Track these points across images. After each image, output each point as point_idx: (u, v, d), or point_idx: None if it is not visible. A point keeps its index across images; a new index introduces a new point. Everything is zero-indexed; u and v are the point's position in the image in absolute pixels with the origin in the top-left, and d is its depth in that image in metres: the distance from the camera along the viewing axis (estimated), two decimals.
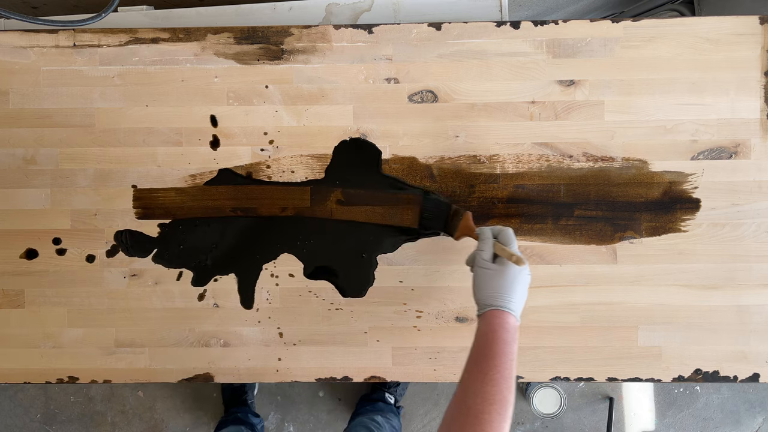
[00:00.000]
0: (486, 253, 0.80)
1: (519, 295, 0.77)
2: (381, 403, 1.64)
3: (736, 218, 0.95)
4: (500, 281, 0.77)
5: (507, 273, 0.77)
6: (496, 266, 0.79)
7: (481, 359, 0.72)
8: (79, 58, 0.97)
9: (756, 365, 0.96)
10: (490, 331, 0.74)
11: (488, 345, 0.72)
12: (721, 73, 0.95)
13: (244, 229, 0.97)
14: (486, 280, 0.79)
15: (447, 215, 0.92)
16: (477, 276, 0.80)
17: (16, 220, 0.98)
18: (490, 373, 0.70)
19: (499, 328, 0.74)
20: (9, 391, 1.90)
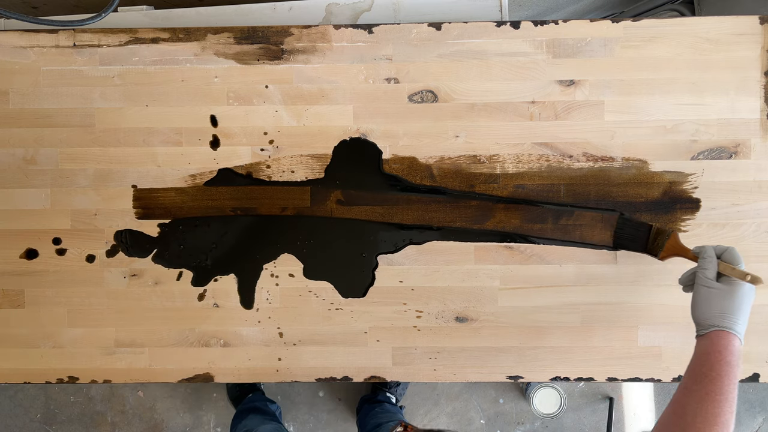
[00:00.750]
0: (710, 271, 0.79)
1: (745, 316, 0.76)
2: (387, 404, 1.63)
3: (736, 218, 0.95)
4: (727, 302, 0.76)
5: (735, 293, 0.76)
6: (722, 285, 0.77)
7: (704, 379, 0.71)
8: (79, 58, 0.97)
9: (756, 365, 0.96)
10: (715, 351, 0.73)
11: (712, 366, 0.71)
12: (721, 73, 0.95)
13: (244, 229, 0.97)
14: (710, 300, 0.77)
15: (647, 237, 0.92)
16: (700, 295, 0.78)
17: (16, 220, 0.98)
18: (713, 394, 0.69)
19: (724, 350, 0.73)
20: (9, 391, 1.90)
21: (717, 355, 0.72)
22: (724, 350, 0.73)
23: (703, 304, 0.78)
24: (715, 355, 0.72)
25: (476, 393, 1.86)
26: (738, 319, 0.75)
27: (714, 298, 0.77)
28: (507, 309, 0.97)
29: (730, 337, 0.74)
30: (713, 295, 0.77)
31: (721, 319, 0.75)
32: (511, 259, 0.97)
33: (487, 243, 0.96)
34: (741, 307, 0.75)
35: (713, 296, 0.77)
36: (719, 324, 0.75)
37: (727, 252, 0.81)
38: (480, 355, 0.98)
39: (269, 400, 1.73)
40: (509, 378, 0.98)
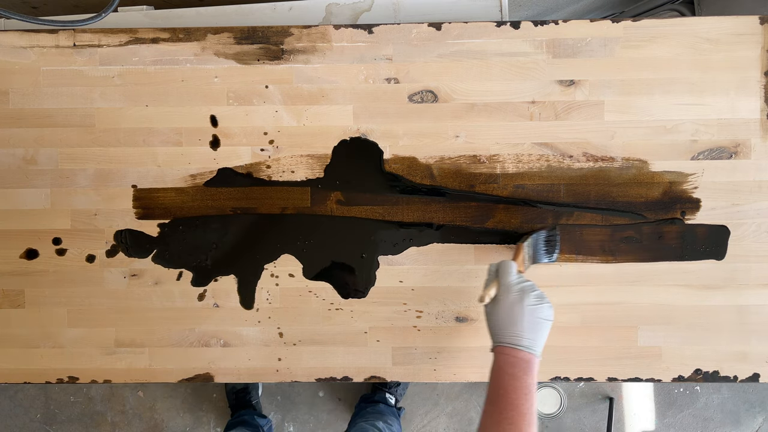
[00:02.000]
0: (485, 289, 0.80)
1: (522, 326, 0.74)
2: (382, 405, 1.63)
3: (736, 218, 0.95)
4: (496, 318, 0.75)
5: (500, 308, 0.75)
6: (490, 304, 0.78)
7: (495, 398, 0.71)
8: (79, 58, 0.97)
9: (756, 365, 0.96)
10: (497, 368, 0.73)
11: (498, 383, 0.71)
12: (721, 73, 0.95)
13: (244, 229, 0.97)
14: (487, 319, 0.78)
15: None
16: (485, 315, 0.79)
17: (16, 220, 0.98)
18: (505, 412, 0.69)
19: (504, 365, 0.72)
20: (9, 391, 1.90)
21: (499, 371, 0.72)
22: (504, 364, 0.73)
23: (487, 323, 0.78)
24: (498, 371, 0.72)
25: (476, 393, 1.86)
26: (511, 331, 0.74)
27: (487, 317, 0.78)
28: None
29: (508, 350, 0.73)
30: (486, 314, 0.78)
31: (495, 335, 0.76)
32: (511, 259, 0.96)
33: (487, 243, 0.96)
34: (511, 319, 0.74)
35: (487, 315, 0.78)
36: (495, 340, 0.76)
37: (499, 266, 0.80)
38: (480, 355, 0.98)
39: (261, 415, 1.74)
40: None
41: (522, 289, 0.76)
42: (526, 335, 0.74)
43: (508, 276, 0.77)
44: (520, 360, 0.72)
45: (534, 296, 0.75)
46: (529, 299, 0.75)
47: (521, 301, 0.75)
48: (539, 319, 0.75)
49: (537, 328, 0.74)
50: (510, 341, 0.73)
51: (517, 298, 0.75)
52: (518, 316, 0.74)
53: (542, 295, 0.77)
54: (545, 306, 0.76)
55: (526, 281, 0.78)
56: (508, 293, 0.75)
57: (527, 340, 0.74)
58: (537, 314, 0.75)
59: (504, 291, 0.76)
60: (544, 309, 0.76)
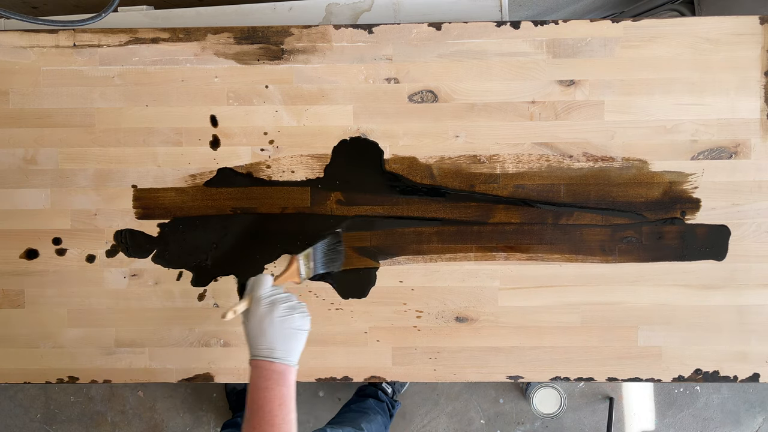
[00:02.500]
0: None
1: (273, 338, 0.75)
2: (371, 400, 1.60)
3: (736, 218, 0.95)
4: (249, 331, 0.76)
5: (251, 321, 0.76)
6: (245, 319, 0.78)
7: (250, 415, 0.72)
8: (79, 58, 0.97)
9: (756, 365, 0.96)
10: (251, 382, 0.74)
11: (252, 398, 0.72)
12: (721, 73, 0.95)
13: (245, 229, 0.97)
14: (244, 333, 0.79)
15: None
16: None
17: (16, 220, 0.98)
18: (259, 427, 0.70)
19: (257, 378, 0.73)
20: (9, 391, 1.90)
21: (252, 386, 0.73)
22: (255, 378, 0.74)
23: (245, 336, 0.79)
24: (251, 387, 0.73)
25: (476, 393, 1.86)
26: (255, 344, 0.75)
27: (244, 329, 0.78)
28: (507, 309, 0.97)
29: (255, 362, 0.74)
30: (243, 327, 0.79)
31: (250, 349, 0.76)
32: (511, 259, 0.97)
33: (487, 243, 0.96)
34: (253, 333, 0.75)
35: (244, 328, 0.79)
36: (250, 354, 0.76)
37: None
38: (480, 355, 0.98)
39: None
40: (509, 378, 0.98)
41: (272, 301, 0.77)
42: (278, 346, 0.75)
43: (259, 290, 0.78)
44: (272, 372, 0.73)
45: (284, 308, 0.76)
46: (278, 311, 0.76)
47: (271, 314, 0.75)
48: (290, 329, 0.76)
49: (289, 338, 0.75)
50: (262, 354, 0.74)
51: (266, 310, 0.76)
52: (268, 328, 0.75)
53: (295, 306, 0.78)
54: (296, 316, 0.77)
55: (280, 293, 0.78)
56: (258, 306, 0.76)
57: (280, 351, 0.75)
58: (287, 325, 0.76)
59: (255, 304, 0.77)
60: (295, 319, 0.76)
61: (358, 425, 1.35)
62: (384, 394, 1.66)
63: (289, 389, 0.73)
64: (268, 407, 0.71)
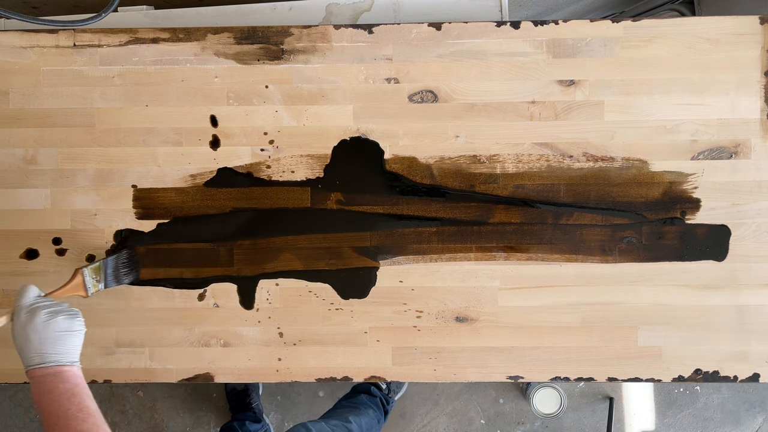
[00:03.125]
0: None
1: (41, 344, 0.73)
2: (364, 395, 1.58)
3: (736, 218, 0.95)
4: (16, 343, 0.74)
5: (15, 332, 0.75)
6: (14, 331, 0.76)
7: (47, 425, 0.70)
8: (79, 58, 0.97)
9: (756, 365, 0.96)
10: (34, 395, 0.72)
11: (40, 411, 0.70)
12: (721, 73, 0.95)
13: (244, 229, 0.97)
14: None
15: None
16: None
17: (16, 220, 0.98)
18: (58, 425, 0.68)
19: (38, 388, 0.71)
20: (9, 391, 1.90)
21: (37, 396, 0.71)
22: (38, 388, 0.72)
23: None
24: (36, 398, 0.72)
25: (476, 393, 1.86)
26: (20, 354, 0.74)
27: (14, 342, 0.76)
28: (507, 309, 0.97)
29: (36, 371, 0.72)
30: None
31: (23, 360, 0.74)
32: (511, 259, 0.96)
33: (487, 243, 0.96)
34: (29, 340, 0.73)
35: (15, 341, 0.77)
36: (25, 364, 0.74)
37: None
38: (480, 355, 0.98)
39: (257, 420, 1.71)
40: (509, 378, 0.98)
41: (32, 309, 0.75)
42: (49, 350, 0.73)
43: (20, 300, 0.77)
44: (47, 375, 0.72)
45: (45, 313, 0.75)
46: (40, 317, 0.74)
47: (32, 321, 0.74)
48: (57, 333, 0.74)
49: (59, 341, 0.74)
50: (34, 362, 0.73)
51: (27, 319, 0.74)
52: (32, 335, 0.73)
53: (58, 311, 0.76)
54: (60, 319, 0.75)
55: (43, 302, 0.77)
56: (19, 316, 0.75)
57: (52, 356, 0.73)
58: (53, 329, 0.74)
59: (16, 315, 0.76)
60: (60, 322, 0.75)
61: (345, 418, 1.34)
62: (378, 390, 1.64)
63: (73, 385, 0.72)
64: (54, 406, 0.69)
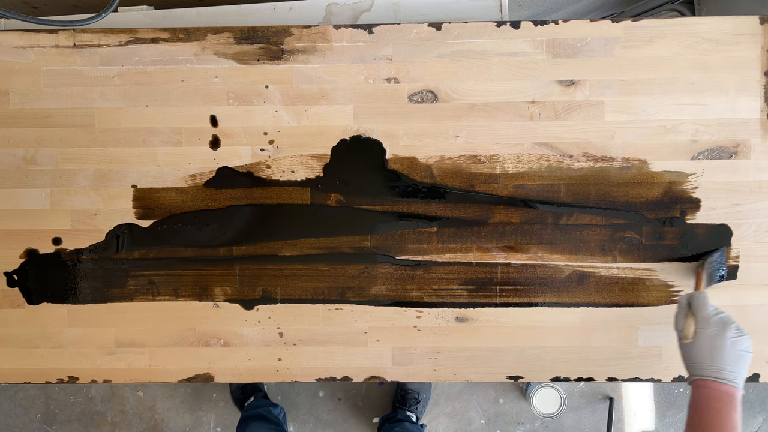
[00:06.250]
0: (676, 323, 0.82)
1: (724, 359, 0.74)
2: (407, 423, 1.61)
3: (736, 218, 0.95)
4: (697, 351, 0.76)
5: (701, 341, 0.76)
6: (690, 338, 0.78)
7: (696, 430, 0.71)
8: (79, 58, 0.97)
9: (756, 365, 0.96)
10: (699, 402, 0.73)
11: (702, 417, 0.72)
12: (721, 73, 0.95)
13: (245, 228, 0.97)
14: (682, 352, 0.79)
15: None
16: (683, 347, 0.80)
17: (16, 220, 0.98)
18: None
19: (707, 398, 0.73)
20: (9, 391, 1.90)
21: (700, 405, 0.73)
22: (707, 398, 0.73)
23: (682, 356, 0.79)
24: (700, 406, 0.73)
25: (476, 393, 1.86)
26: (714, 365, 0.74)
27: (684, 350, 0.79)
28: (507, 309, 0.97)
29: (710, 384, 0.74)
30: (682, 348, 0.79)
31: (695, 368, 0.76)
32: (511, 259, 0.96)
33: (487, 243, 0.96)
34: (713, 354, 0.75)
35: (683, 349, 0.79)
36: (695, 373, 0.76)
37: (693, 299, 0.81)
38: (480, 355, 0.98)
39: (272, 404, 1.71)
40: (509, 378, 0.98)
41: (722, 321, 0.76)
42: (728, 368, 0.74)
43: (705, 309, 0.78)
44: (724, 393, 0.73)
45: (734, 328, 0.76)
46: (730, 332, 0.76)
47: (722, 334, 0.75)
48: (741, 351, 0.75)
49: (739, 360, 0.75)
50: (712, 375, 0.74)
51: (718, 330, 0.76)
52: (720, 349, 0.75)
53: (741, 327, 0.77)
54: (745, 338, 0.76)
55: (723, 312, 0.79)
56: (708, 326, 0.76)
57: (729, 373, 0.74)
58: (738, 347, 0.75)
59: (704, 324, 0.77)
60: (744, 341, 0.76)
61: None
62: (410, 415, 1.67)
63: (739, 415, 0.73)
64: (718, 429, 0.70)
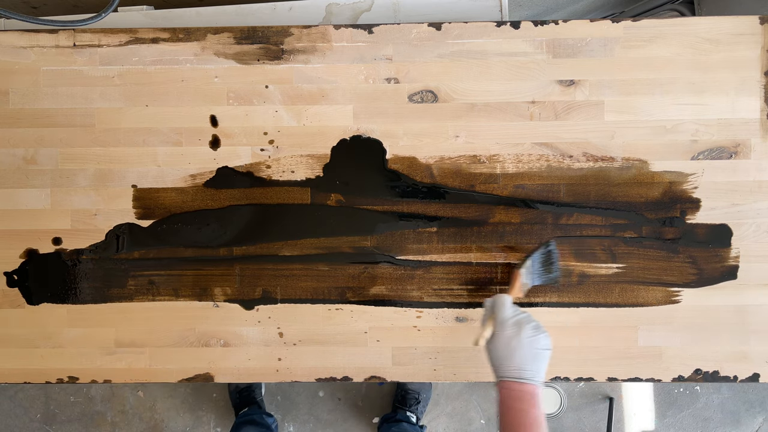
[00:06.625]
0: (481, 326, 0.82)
1: (522, 359, 0.75)
2: (405, 424, 1.61)
3: (736, 218, 0.95)
4: (496, 352, 0.77)
5: (499, 342, 0.77)
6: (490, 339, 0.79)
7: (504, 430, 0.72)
8: (79, 58, 0.97)
9: (756, 365, 0.96)
10: (504, 403, 0.74)
11: (508, 419, 0.73)
12: (721, 73, 0.95)
13: (244, 228, 0.97)
14: (487, 354, 0.79)
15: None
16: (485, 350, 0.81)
17: (16, 220, 0.98)
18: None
19: (509, 399, 0.74)
20: (9, 391, 1.90)
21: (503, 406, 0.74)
22: (507, 399, 0.74)
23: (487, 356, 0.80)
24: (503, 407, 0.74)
25: (476, 393, 1.86)
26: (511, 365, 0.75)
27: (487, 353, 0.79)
28: None
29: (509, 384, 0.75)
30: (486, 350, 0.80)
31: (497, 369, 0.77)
32: (511, 259, 0.96)
33: (487, 243, 0.96)
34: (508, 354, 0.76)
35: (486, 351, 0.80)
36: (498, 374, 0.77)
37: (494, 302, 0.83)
38: (480, 355, 0.98)
39: (267, 414, 1.73)
40: None
41: (518, 322, 0.77)
42: (527, 367, 0.75)
43: (503, 311, 0.79)
44: (525, 393, 0.74)
45: (530, 328, 0.77)
46: (526, 332, 0.77)
47: (518, 335, 0.76)
48: (537, 350, 0.77)
49: (537, 358, 0.76)
50: (512, 375, 0.75)
51: (514, 332, 0.77)
52: (517, 349, 0.76)
53: (539, 326, 0.79)
54: (542, 336, 0.78)
55: (522, 313, 0.80)
56: (505, 328, 0.77)
57: (528, 372, 0.75)
58: (535, 345, 0.76)
59: (501, 326, 0.78)
60: (541, 339, 0.77)
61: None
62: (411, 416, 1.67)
63: (541, 411, 0.74)
64: (523, 429, 0.71)
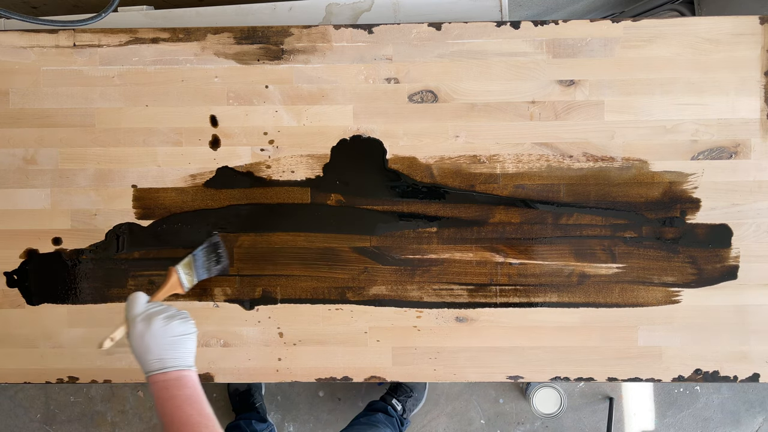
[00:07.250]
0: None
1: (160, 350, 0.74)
2: (381, 414, 1.59)
3: (736, 218, 0.95)
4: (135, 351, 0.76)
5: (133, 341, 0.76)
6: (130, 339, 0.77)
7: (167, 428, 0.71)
8: (79, 58, 0.97)
9: (756, 365, 0.96)
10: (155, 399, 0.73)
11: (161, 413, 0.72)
12: (721, 73, 0.95)
13: (244, 228, 0.97)
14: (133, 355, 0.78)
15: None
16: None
17: (16, 220, 0.98)
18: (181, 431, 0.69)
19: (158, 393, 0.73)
20: (9, 391, 1.90)
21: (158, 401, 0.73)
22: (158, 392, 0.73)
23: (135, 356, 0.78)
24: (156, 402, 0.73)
25: (476, 393, 1.86)
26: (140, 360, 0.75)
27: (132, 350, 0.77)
28: (507, 309, 0.97)
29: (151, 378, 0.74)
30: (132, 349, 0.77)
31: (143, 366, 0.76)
32: (511, 259, 0.96)
33: (486, 243, 0.96)
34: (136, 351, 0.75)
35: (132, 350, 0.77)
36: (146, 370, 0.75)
37: None
38: (480, 355, 0.98)
39: (261, 420, 1.71)
40: (509, 378, 0.98)
41: (148, 316, 0.76)
42: (168, 356, 0.74)
43: (132, 309, 0.78)
44: (169, 381, 0.73)
45: (161, 318, 0.76)
46: (156, 323, 0.75)
47: (149, 329, 0.75)
48: (174, 337, 0.75)
49: (175, 345, 0.75)
50: (154, 368, 0.74)
51: (144, 326, 0.75)
52: (151, 342, 0.75)
53: (174, 314, 0.77)
54: (176, 323, 0.76)
55: (154, 307, 0.78)
56: (135, 325, 0.76)
57: (171, 360, 0.74)
58: (170, 334, 0.75)
59: (131, 325, 0.77)
60: (175, 326, 0.76)
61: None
62: (394, 410, 1.65)
63: (193, 390, 0.73)
64: (178, 412, 0.70)
